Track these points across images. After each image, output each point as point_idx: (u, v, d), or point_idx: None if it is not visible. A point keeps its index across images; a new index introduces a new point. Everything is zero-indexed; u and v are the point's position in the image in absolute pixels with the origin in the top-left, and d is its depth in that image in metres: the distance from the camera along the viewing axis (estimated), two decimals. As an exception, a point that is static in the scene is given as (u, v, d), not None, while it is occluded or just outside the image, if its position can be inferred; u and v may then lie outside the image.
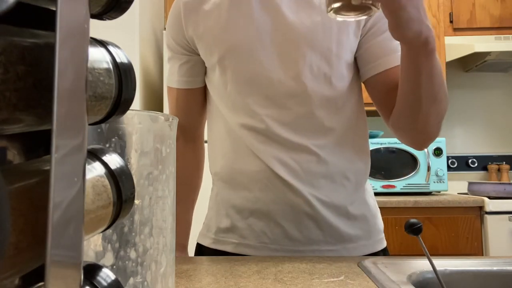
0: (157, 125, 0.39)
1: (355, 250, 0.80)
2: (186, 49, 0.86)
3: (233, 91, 0.80)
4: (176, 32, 0.85)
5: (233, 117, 0.81)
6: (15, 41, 0.17)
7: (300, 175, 0.78)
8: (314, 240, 0.79)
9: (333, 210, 0.79)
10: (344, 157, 0.80)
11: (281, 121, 0.78)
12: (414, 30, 0.58)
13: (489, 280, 0.68)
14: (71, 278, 0.17)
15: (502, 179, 2.51)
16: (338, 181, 0.80)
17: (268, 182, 0.78)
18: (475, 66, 2.46)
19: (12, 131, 0.19)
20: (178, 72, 0.88)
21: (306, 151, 0.78)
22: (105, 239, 0.34)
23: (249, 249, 0.80)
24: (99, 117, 0.22)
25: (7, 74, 0.16)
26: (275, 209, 0.78)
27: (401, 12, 0.56)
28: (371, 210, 0.84)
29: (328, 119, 0.78)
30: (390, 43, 0.78)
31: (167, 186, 0.39)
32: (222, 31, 0.78)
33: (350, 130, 0.81)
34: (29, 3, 0.18)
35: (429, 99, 0.69)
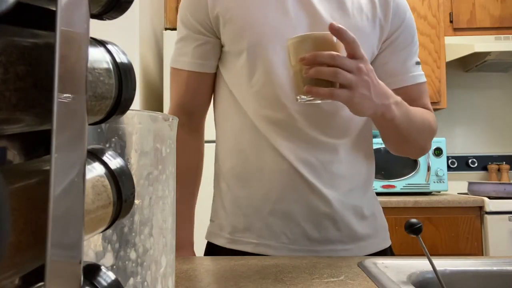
0: (157, 125, 0.39)
1: (366, 248, 0.82)
2: (206, 29, 0.81)
3: (261, 80, 0.78)
4: (199, 10, 0.80)
5: (256, 109, 0.79)
6: (15, 41, 0.17)
7: (322, 175, 0.78)
8: (331, 240, 0.79)
9: (350, 210, 0.80)
10: (358, 158, 0.82)
11: (308, 117, 0.78)
12: (369, 112, 0.67)
13: (489, 280, 0.68)
14: (71, 278, 0.17)
15: (502, 179, 2.51)
16: (353, 182, 0.81)
17: (289, 181, 0.78)
18: (475, 66, 2.46)
19: (12, 131, 0.19)
20: (191, 54, 0.83)
21: (329, 150, 0.79)
22: (105, 239, 0.34)
23: (269, 249, 0.79)
24: (99, 117, 0.22)
25: (7, 74, 0.16)
26: (296, 209, 0.78)
27: (353, 103, 0.65)
28: (378, 209, 0.87)
29: (350, 120, 0.80)
30: (407, 62, 0.84)
31: (167, 186, 0.39)
32: (256, 18, 0.77)
33: (364, 131, 0.84)
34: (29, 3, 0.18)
35: (400, 140, 0.80)
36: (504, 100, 2.66)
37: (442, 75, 2.27)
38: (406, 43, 0.84)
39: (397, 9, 0.82)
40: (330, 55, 0.63)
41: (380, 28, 0.82)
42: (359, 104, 0.65)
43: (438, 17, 2.29)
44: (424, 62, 2.29)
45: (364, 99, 0.65)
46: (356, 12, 0.80)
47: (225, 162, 0.85)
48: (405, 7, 0.84)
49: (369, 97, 0.65)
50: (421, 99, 0.86)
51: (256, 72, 0.78)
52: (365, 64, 0.65)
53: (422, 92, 0.86)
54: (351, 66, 0.63)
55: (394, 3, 0.82)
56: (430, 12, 2.29)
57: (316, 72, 0.63)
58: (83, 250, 0.17)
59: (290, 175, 0.78)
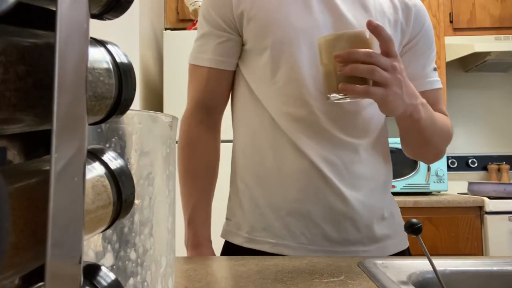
0: (157, 125, 0.39)
1: (386, 250, 0.82)
2: (229, 26, 0.81)
3: (285, 77, 0.78)
4: (223, 8, 0.80)
5: (278, 106, 0.79)
6: (15, 41, 0.17)
7: (344, 175, 0.78)
8: (351, 241, 0.79)
9: (370, 211, 0.80)
10: (377, 159, 0.83)
11: (331, 116, 0.78)
12: (399, 111, 0.68)
13: (489, 280, 0.68)
14: (71, 278, 0.17)
15: (502, 179, 2.51)
16: (373, 183, 0.82)
17: (309, 181, 0.78)
18: (475, 66, 2.46)
19: (12, 131, 0.19)
20: (212, 51, 0.83)
21: (351, 150, 0.79)
22: (105, 239, 0.34)
23: (287, 249, 0.79)
24: (99, 117, 0.22)
25: (7, 74, 0.16)
26: (315, 210, 0.78)
27: (386, 101, 0.65)
28: (397, 210, 0.88)
29: (370, 120, 0.81)
30: (426, 68, 0.86)
31: (167, 186, 0.39)
32: (281, 15, 0.77)
33: (382, 133, 0.85)
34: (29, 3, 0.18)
35: (421, 143, 0.81)
36: (504, 100, 2.66)
37: (442, 75, 2.27)
38: (425, 48, 0.86)
39: (418, 14, 0.84)
40: (366, 52, 0.63)
41: (402, 32, 0.83)
42: (391, 103, 0.65)
43: (438, 17, 2.29)
44: (424, 62, 2.29)
45: (397, 97, 0.65)
46: (379, 15, 0.81)
47: (243, 161, 0.85)
48: (425, 13, 0.86)
49: (401, 96, 0.65)
50: (438, 105, 0.86)
51: (280, 69, 0.78)
52: (399, 63, 0.65)
53: (438, 98, 0.87)
54: (387, 64, 0.63)
55: (415, 8, 0.84)
56: (430, 12, 2.29)
57: (352, 69, 0.62)
58: (83, 250, 0.17)
59: (310, 174, 0.77)
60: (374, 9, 0.81)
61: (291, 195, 0.78)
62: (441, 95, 0.89)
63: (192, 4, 2.21)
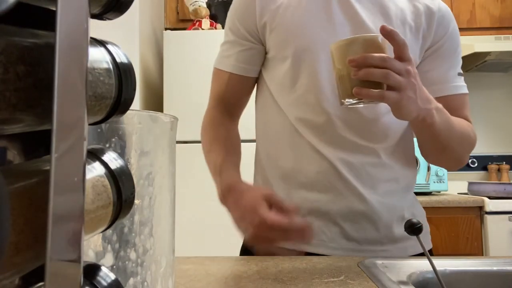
0: (157, 125, 0.39)
1: (405, 250, 0.82)
2: (253, 36, 0.85)
3: (304, 85, 0.80)
4: (247, 18, 0.84)
5: (298, 113, 0.81)
6: (15, 41, 0.17)
7: (363, 175, 0.80)
8: (370, 240, 0.80)
9: (389, 212, 0.81)
10: (399, 162, 0.84)
11: (348, 122, 0.80)
12: (413, 115, 0.68)
13: (489, 280, 0.69)
14: (71, 278, 0.17)
15: (502, 179, 2.51)
16: (394, 185, 0.83)
17: (328, 183, 0.80)
18: (475, 66, 2.46)
19: (12, 131, 0.19)
20: (235, 57, 0.87)
21: (370, 153, 0.81)
22: (105, 239, 0.34)
23: (308, 246, 0.80)
24: (99, 117, 0.22)
25: (7, 74, 0.16)
26: (334, 209, 0.79)
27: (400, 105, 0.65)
28: (420, 212, 0.88)
29: (389, 127, 0.82)
30: (449, 72, 0.85)
31: (167, 186, 0.39)
32: (301, 26, 0.80)
33: (404, 138, 0.85)
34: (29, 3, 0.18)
35: (438, 149, 0.80)
36: (504, 100, 2.66)
37: (442, 75, 2.27)
38: (449, 53, 0.85)
39: (442, 19, 0.84)
40: (380, 57, 0.63)
41: (423, 38, 0.83)
42: (405, 107, 0.66)
43: (438, 17, 2.29)
44: (424, 62, 2.29)
45: (410, 101, 0.65)
46: (400, 22, 0.82)
47: (265, 162, 0.87)
48: (450, 18, 0.86)
49: (415, 100, 0.66)
50: (462, 110, 0.85)
51: (300, 78, 0.81)
52: (412, 67, 0.66)
53: (463, 103, 0.86)
54: (401, 68, 0.63)
55: (440, 13, 0.84)
56: (430, 12, 2.29)
57: (366, 73, 0.63)
58: (83, 250, 0.17)
59: (329, 175, 0.79)
60: (395, 16, 0.82)
61: (311, 196, 0.80)
62: (466, 101, 0.87)
63: (192, 4, 2.21)
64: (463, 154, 0.83)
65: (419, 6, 0.84)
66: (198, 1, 2.20)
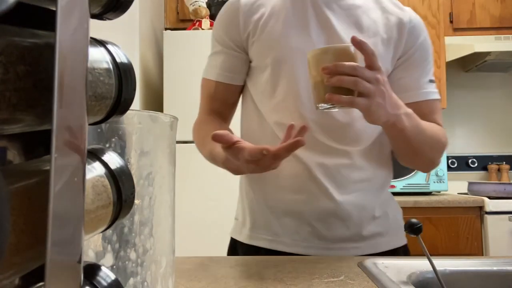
0: (157, 125, 0.39)
1: (376, 247, 0.87)
2: (237, 46, 0.90)
3: (283, 93, 0.86)
4: (231, 29, 0.90)
5: (275, 117, 0.87)
6: (15, 41, 0.17)
7: (337, 179, 0.85)
8: (341, 238, 0.85)
9: (361, 211, 0.86)
10: (373, 164, 0.89)
11: (324, 127, 0.85)
12: (382, 120, 0.73)
13: (489, 280, 0.69)
14: (71, 278, 0.17)
15: (502, 179, 2.51)
16: (366, 185, 0.87)
17: (302, 184, 0.85)
18: (475, 66, 2.46)
19: (12, 131, 0.19)
20: (221, 66, 0.92)
21: (344, 156, 0.86)
22: (105, 239, 0.34)
23: (283, 245, 0.86)
24: (99, 117, 0.22)
25: (7, 74, 0.16)
26: (307, 210, 0.85)
27: (369, 111, 0.70)
28: (392, 210, 0.92)
29: (363, 131, 0.86)
30: (420, 79, 0.89)
31: (167, 186, 0.39)
32: (280, 37, 0.86)
33: (378, 140, 0.89)
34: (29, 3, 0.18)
35: (410, 152, 0.85)
36: (504, 100, 2.66)
37: (442, 75, 2.27)
38: (420, 61, 0.90)
39: (413, 30, 0.89)
40: (351, 65, 0.68)
41: (394, 48, 0.88)
42: (375, 112, 0.70)
43: (438, 17, 2.29)
44: (424, 62, 2.29)
45: (379, 107, 0.70)
46: (372, 33, 0.87)
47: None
48: (421, 28, 0.90)
49: (384, 106, 0.70)
50: (433, 115, 0.89)
51: (279, 85, 0.86)
52: (381, 75, 0.70)
53: (433, 109, 0.90)
54: (370, 76, 0.68)
55: (410, 24, 0.89)
56: (430, 12, 2.29)
57: (337, 80, 0.68)
58: (83, 250, 0.17)
59: (304, 178, 0.85)
60: (368, 28, 0.87)
61: (286, 197, 0.86)
62: (437, 106, 0.91)
63: (192, 4, 2.21)
64: (435, 157, 0.88)
65: (391, 18, 0.89)
66: (198, 1, 2.20)
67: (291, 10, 0.87)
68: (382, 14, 0.89)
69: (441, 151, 0.88)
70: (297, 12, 0.87)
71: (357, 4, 0.88)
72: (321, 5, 0.87)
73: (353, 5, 0.88)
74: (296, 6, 0.87)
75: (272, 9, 0.87)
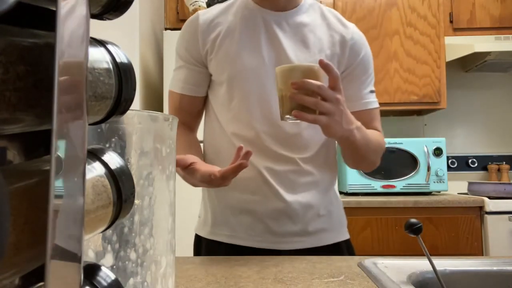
0: (157, 125, 0.39)
1: (320, 241, 0.98)
2: (198, 61, 0.98)
3: (237, 106, 0.95)
4: (192, 46, 0.98)
5: (231, 128, 0.96)
6: (15, 41, 0.17)
7: (285, 182, 0.95)
8: (289, 233, 0.96)
9: (307, 210, 0.97)
10: (319, 168, 0.99)
11: (273, 137, 0.95)
12: (338, 135, 0.82)
13: (489, 280, 0.69)
14: (71, 278, 0.17)
15: (502, 179, 2.51)
16: (312, 187, 0.98)
17: (257, 187, 0.95)
18: (475, 66, 2.46)
19: (12, 131, 0.19)
20: (184, 80, 1.00)
21: (293, 163, 0.96)
22: (105, 239, 0.34)
23: (239, 239, 0.97)
24: (99, 117, 0.22)
25: (7, 74, 0.16)
26: (261, 209, 0.96)
27: (328, 127, 0.79)
28: (336, 209, 1.03)
29: (311, 138, 0.97)
30: (362, 91, 1.00)
31: (167, 186, 0.39)
32: (234, 55, 0.94)
33: (324, 146, 1.00)
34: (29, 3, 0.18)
35: (357, 159, 0.96)
36: (504, 100, 2.66)
37: (442, 75, 2.27)
38: (361, 74, 1.00)
39: (354, 46, 0.99)
40: (317, 84, 0.76)
41: (338, 63, 0.98)
42: (332, 128, 0.79)
43: (438, 17, 2.29)
44: (424, 62, 2.29)
45: (337, 124, 0.79)
46: (317, 50, 0.96)
47: None
48: (362, 44, 1.01)
49: (340, 123, 0.80)
50: (372, 122, 1.01)
51: (234, 100, 0.95)
52: (341, 96, 0.79)
53: (373, 117, 1.02)
54: (331, 96, 0.77)
55: (352, 41, 0.99)
56: (430, 12, 2.29)
57: (301, 99, 0.76)
58: (83, 250, 0.17)
59: (258, 182, 0.95)
60: (313, 45, 0.96)
61: (243, 198, 0.97)
62: (376, 114, 1.03)
63: (192, 4, 2.21)
64: (376, 159, 0.99)
65: (335, 35, 0.98)
66: (198, 1, 2.20)
67: (244, 29, 0.95)
68: (327, 31, 0.99)
69: (381, 154, 1.00)
70: (250, 31, 0.95)
71: (304, 22, 0.97)
72: (272, 24, 0.96)
73: (301, 23, 0.97)
74: (249, 25, 0.95)
75: (228, 28, 0.96)
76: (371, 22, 2.31)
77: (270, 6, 0.96)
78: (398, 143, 2.13)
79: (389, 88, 2.28)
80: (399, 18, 2.30)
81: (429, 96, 2.26)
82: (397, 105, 2.29)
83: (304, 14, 0.99)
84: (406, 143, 2.14)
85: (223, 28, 0.96)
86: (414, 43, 2.29)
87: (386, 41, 2.30)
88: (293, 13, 0.97)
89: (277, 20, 0.96)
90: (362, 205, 1.95)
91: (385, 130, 2.74)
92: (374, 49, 2.30)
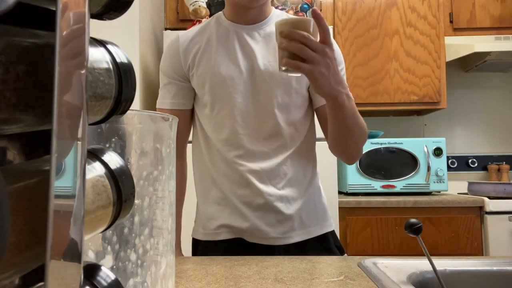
0: (157, 125, 0.39)
1: (307, 234, 1.03)
2: (182, 77, 1.07)
3: (219, 113, 1.02)
4: (175, 64, 1.07)
5: (216, 135, 1.04)
6: (15, 41, 0.17)
7: (265, 180, 1.01)
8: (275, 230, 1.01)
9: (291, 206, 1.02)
10: (299, 165, 1.04)
11: (253, 138, 1.01)
12: (325, 90, 0.84)
13: (489, 280, 0.69)
14: (71, 278, 0.17)
15: (502, 179, 2.51)
16: (295, 183, 1.04)
17: (238, 185, 1.02)
18: (475, 66, 2.46)
19: (12, 131, 0.19)
20: (172, 96, 1.09)
21: (272, 161, 1.01)
22: (105, 240, 0.34)
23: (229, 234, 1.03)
24: (99, 117, 0.22)
25: (7, 74, 0.16)
26: (246, 207, 1.02)
27: (312, 77, 0.81)
28: (320, 203, 1.09)
29: (290, 137, 1.03)
30: None
31: (167, 187, 0.39)
32: (213, 67, 1.02)
33: (303, 144, 1.06)
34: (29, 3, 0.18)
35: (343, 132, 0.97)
36: (504, 100, 2.66)
37: (442, 75, 2.27)
38: None
39: None
40: (303, 34, 0.79)
41: None
42: (317, 80, 0.81)
43: (438, 17, 2.29)
44: (424, 62, 2.29)
45: (323, 77, 0.81)
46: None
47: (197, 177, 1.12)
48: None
49: (327, 77, 0.81)
50: None
51: (215, 108, 1.03)
52: (330, 51, 0.81)
53: None
54: (318, 47, 0.79)
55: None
56: (430, 12, 2.29)
57: (285, 46, 0.79)
58: (83, 250, 0.17)
59: (238, 181, 1.01)
60: None
61: (226, 198, 1.03)
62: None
63: (192, 4, 2.21)
64: (360, 143, 1.00)
65: None
66: (198, 1, 2.20)
67: (220, 43, 1.03)
68: None
69: (365, 140, 1.02)
70: (226, 44, 1.03)
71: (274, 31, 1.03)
72: (244, 36, 1.03)
73: (272, 32, 1.02)
74: (224, 39, 1.03)
75: (205, 45, 1.04)
76: (371, 22, 2.31)
77: (241, 21, 1.04)
78: (398, 143, 2.13)
79: (389, 88, 2.28)
80: (399, 18, 2.30)
81: (429, 96, 2.26)
82: (397, 105, 2.29)
83: (273, 24, 1.04)
84: (406, 143, 2.14)
85: (202, 45, 1.04)
86: (414, 43, 2.29)
87: (386, 41, 2.30)
88: (263, 24, 1.05)
89: (248, 32, 1.04)
90: (362, 205, 1.95)
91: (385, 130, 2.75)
92: (374, 49, 2.30)
